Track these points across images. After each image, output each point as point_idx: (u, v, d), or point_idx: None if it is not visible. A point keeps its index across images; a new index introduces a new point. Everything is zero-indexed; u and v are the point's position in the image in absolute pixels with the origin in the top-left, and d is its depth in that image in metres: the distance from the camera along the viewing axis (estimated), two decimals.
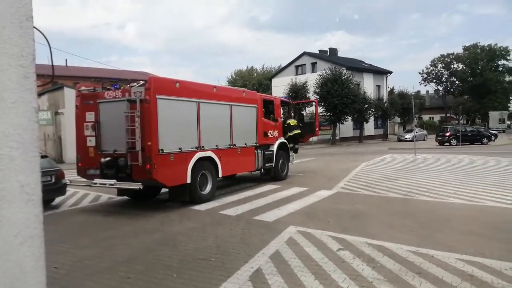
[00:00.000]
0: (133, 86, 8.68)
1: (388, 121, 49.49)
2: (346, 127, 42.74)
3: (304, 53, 48.25)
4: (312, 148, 33.23)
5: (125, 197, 10.43)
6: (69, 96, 23.36)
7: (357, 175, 14.02)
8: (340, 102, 36.13)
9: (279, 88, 42.28)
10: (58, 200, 10.06)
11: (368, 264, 4.97)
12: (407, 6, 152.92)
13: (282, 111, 14.54)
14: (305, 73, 46.11)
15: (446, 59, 73.81)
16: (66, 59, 51.26)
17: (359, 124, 42.92)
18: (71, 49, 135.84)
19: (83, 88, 9.53)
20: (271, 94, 36.54)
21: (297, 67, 48.65)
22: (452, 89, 74.90)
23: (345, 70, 39.55)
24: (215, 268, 5.04)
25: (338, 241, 5.96)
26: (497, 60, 71.44)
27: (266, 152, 12.54)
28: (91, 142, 9.14)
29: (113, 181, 8.57)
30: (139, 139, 8.21)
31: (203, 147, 9.68)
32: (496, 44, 70.94)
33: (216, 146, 10.21)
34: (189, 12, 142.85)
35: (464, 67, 72.24)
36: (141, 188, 8.28)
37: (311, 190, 10.94)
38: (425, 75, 75.23)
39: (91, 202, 10.23)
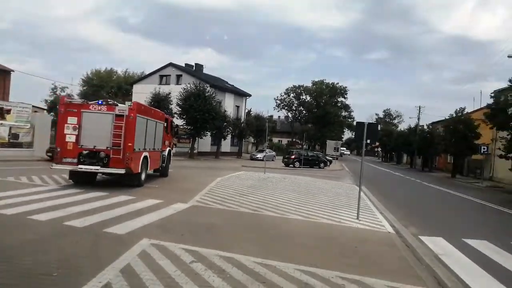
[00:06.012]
0: (117, 106, 12.46)
1: (243, 140, 52.47)
2: (205, 142, 43.68)
3: (170, 64, 47.93)
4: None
5: None
6: None
7: (212, 189, 14.47)
8: (201, 117, 36.88)
9: (141, 95, 40.80)
10: None
11: (219, 275, 5.22)
12: (272, 37, 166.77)
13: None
14: (170, 84, 45.69)
15: (297, 90, 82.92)
16: None
17: (217, 140, 44.38)
18: None
19: (67, 100, 12.69)
20: (131, 100, 34.98)
21: (161, 76, 47.92)
22: (299, 117, 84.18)
23: (209, 87, 40.64)
24: (58, 284, 4.59)
25: (191, 254, 6.09)
26: (337, 96, 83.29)
27: (163, 156, 17.35)
28: (70, 138, 12.20)
29: (98, 167, 12.21)
30: (122, 140, 12.15)
31: (145, 149, 14.11)
32: (338, 83, 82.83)
33: (149, 148, 14.68)
34: None
35: (311, 99, 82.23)
36: (124, 173, 12.28)
37: (166, 202, 10.85)
38: (279, 102, 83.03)
39: None
